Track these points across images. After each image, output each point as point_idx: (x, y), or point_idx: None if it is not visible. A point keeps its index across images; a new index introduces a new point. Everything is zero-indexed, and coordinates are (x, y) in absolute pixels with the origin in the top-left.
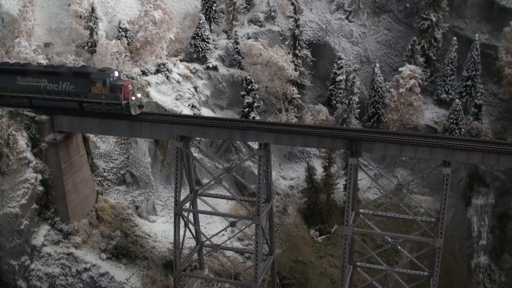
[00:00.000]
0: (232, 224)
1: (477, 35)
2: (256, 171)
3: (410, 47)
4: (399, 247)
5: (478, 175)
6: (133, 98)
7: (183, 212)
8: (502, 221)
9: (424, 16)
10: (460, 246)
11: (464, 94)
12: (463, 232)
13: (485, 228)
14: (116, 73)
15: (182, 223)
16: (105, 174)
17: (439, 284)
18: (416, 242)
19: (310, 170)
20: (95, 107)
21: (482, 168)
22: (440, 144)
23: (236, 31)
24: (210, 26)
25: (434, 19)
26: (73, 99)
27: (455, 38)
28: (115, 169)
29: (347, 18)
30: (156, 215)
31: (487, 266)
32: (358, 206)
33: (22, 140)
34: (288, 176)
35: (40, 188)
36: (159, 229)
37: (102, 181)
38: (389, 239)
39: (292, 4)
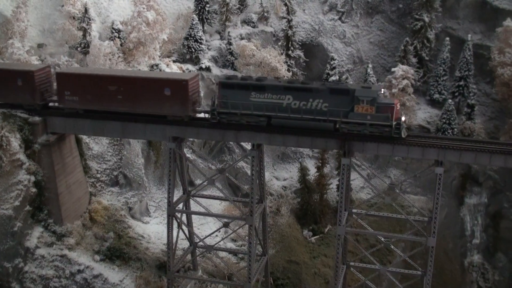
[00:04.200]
0: (226, 225)
1: (469, 35)
2: (249, 172)
3: (402, 47)
4: (392, 247)
5: (471, 174)
6: (403, 118)
7: (176, 213)
8: (495, 220)
9: (417, 16)
10: (453, 245)
11: (456, 94)
12: (456, 231)
13: (478, 227)
14: (382, 90)
15: (175, 224)
16: (98, 175)
17: (432, 283)
18: (409, 242)
19: (303, 171)
20: (354, 128)
21: (474, 168)
22: (433, 143)
23: (229, 32)
24: (203, 27)
25: (426, 19)
26: (328, 119)
27: (447, 38)
28: (108, 171)
29: (340, 18)
30: (149, 216)
31: (480, 265)
32: (351, 206)
33: (15, 142)
34: (281, 177)
35: (33, 189)
36: (152, 230)
37: (95, 183)
38: (382, 239)
39: (285, 5)
